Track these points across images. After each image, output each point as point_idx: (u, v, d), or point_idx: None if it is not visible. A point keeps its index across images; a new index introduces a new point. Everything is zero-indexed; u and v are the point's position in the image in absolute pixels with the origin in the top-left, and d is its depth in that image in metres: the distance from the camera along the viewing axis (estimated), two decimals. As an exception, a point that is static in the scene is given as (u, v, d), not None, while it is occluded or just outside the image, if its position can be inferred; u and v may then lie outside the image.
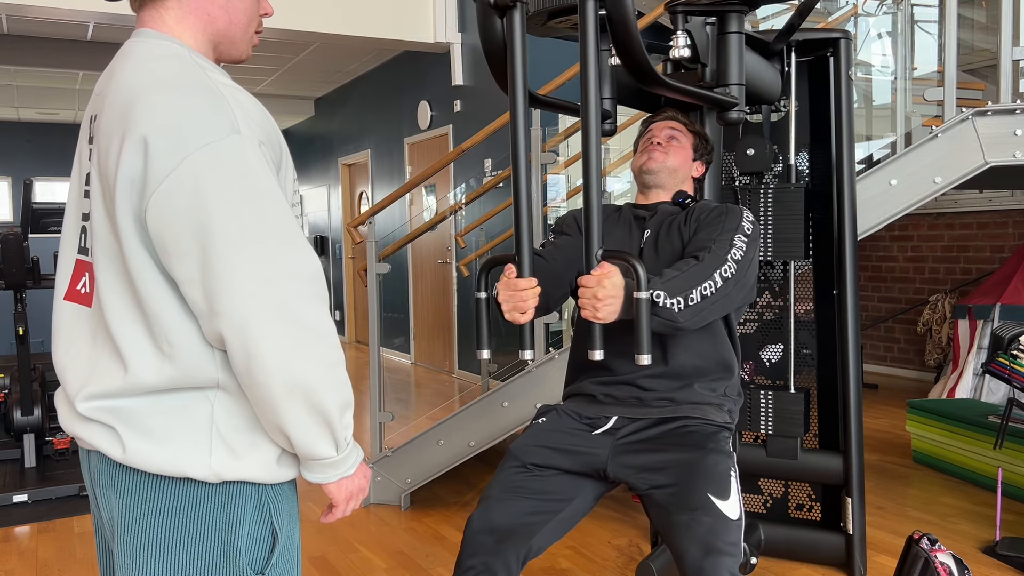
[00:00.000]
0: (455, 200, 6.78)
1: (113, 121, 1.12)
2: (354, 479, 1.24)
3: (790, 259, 2.85)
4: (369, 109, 8.61)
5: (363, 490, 1.27)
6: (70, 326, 1.23)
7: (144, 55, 1.17)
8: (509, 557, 1.85)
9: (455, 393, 6.45)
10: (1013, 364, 3.11)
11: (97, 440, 1.16)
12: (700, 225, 2.03)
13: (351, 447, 1.21)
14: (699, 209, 2.08)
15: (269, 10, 1.32)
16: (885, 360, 6.84)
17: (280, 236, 1.10)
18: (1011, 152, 2.95)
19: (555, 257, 2.07)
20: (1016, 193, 5.80)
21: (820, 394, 2.98)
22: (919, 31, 3.96)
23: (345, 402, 1.16)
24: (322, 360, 1.12)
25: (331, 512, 1.27)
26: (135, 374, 1.12)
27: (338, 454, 1.18)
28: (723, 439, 1.97)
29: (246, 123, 1.12)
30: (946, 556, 2.45)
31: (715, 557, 1.71)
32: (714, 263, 1.86)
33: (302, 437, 1.14)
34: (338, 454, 1.18)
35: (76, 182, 1.27)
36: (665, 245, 2.07)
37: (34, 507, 3.83)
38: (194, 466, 1.13)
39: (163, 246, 1.09)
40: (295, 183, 1.27)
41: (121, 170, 1.09)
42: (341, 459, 1.19)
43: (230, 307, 1.07)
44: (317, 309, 1.12)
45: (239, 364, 1.10)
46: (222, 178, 1.08)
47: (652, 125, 2.23)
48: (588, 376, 2.12)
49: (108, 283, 1.15)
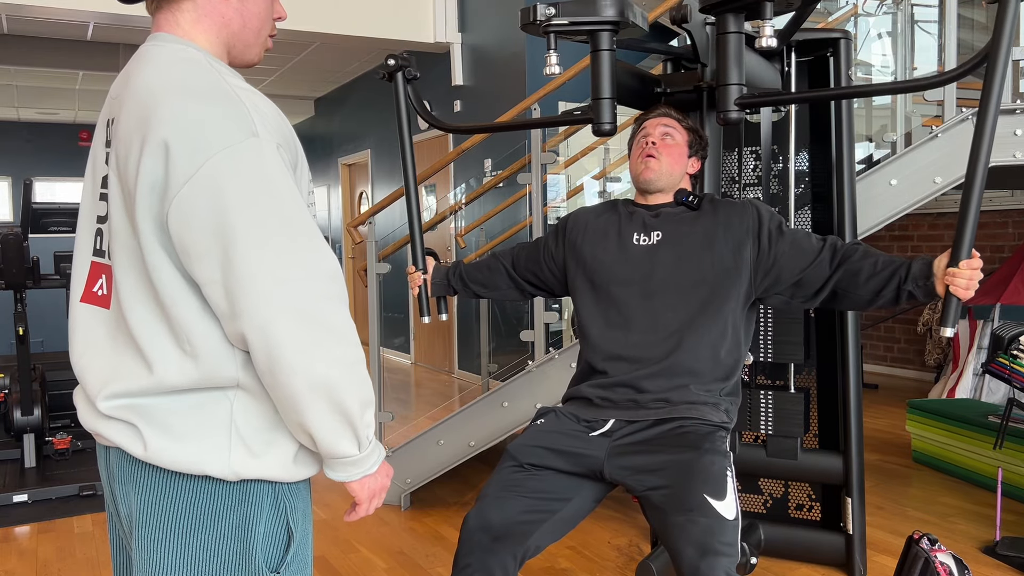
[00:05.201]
0: (455, 200, 6.78)
1: (132, 126, 1.14)
2: (376, 477, 1.25)
3: (790, 361, 2.82)
4: (369, 109, 8.61)
5: (385, 488, 1.28)
6: (87, 328, 1.25)
7: (161, 59, 1.18)
8: (505, 556, 1.85)
9: (455, 393, 6.45)
10: (1013, 364, 3.11)
11: (118, 437, 1.18)
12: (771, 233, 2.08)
13: (373, 445, 1.23)
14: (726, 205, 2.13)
15: (283, 14, 1.33)
16: (885, 360, 6.84)
17: (299, 236, 1.12)
18: (1011, 152, 2.95)
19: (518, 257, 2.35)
20: (1016, 193, 5.80)
21: (820, 394, 2.98)
22: (919, 31, 3.96)
23: (366, 400, 1.17)
24: (343, 359, 1.13)
25: (354, 510, 1.28)
26: (159, 374, 1.14)
27: (360, 452, 1.20)
28: (719, 439, 1.97)
29: (263, 126, 1.14)
30: (946, 556, 2.45)
31: (711, 558, 1.71)
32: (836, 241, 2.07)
33: (325, 435, 1.15)
34: (360, 452, 1.20)
35: (90, 185, 1.28)
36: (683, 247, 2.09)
37: (34, 507, 3.83)
38: (213, 464, 1.15)
39: (184, 249, 1.11)
40: (310, 183, 1.29)
41: (142, 175, 1.11)
42: (363, 457, 1.21)
43: (251, 307, 1.08)
44: (337, 308, 1.14)
45: (261, 364, 1.11)
46: (242, 181, 1.10)
47: (646, 122, 2.22)
48: (587, 380, 2.13)
49: (129, 285, 1.16)
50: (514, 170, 4.20)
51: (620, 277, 2.11)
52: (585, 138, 4.95)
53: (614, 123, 2.17)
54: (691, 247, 2.07)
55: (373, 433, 1.22)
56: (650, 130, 2.19)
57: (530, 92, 5.43)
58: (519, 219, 5.50)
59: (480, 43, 6.47)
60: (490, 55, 6.35)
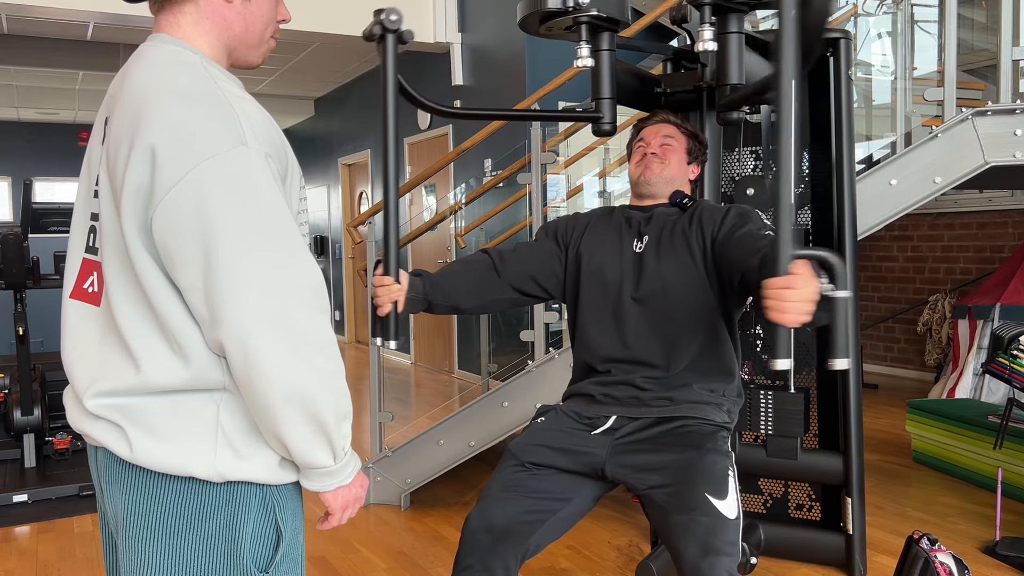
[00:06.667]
0: (455, 200, 6.78)
1: (123, 127, 1.14)
2: (351, 489, 1.25)
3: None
4: (369, 109, 8.61)
5: (359, 500, 1.28)
6: (76, 324, 1.24)
7: (157, 61, 1.18)
8: (507, 556, 1.85)
9: (455, 393, 6.45)
10: (1013, 364, 3.11)
11: (104, 437, 1.18)
12: (723, 230, 2.00)
13: (348, 457, 1.22)
14: (706, 211, 2.07)
15: (287, 16, 1.32)
16: (885, 360, 6.84)
17: (282, 248, 1.12)
18: (1011, 152, 2.95)
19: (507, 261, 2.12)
20: (1016, 193, 5.80)
21: (820, 394, 2.98)
22: (919, 31, 3.96)
23: (343, 412, 1.17)
24: (321, 370, 1.13)
25: (327, 520, 1.28)
26: (146, 374, 1.14)
27: (335, 463, 1.19)
28: (721, 439, 1.97)
29: (253, 135, 1.13)
30: (946, 556, 2.45)
31: (713, 557, 1.71)
32: None
33: (300, 446, 1.14)
34: (335, 463, 1.19)
35: (85, 182, 1.28)
36: (668, 250, 2.06)
37: (34, 507, 3.83)
38: (198, 466, 1.14)
39: (168, 255, 1.10)
40: (302, 190, 1.28)
41: (128, 178, 1.10)
42: (338, 468, 1.20)
43: (231, 316, 1.08)
44: (317, 320, 1.13)
45: (239, 372, 1.11)
46: (227, 190, 1.09)
47: (644, 130, 2.19)
48: (587, 378, 2.12)
49: (118, 284, 1.16)
50: (514, 170, 4.20)
51: (616, 280, 2.10)
52: (585, 138, 4.95)
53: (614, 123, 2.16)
54: (675, 250, 2.06)
55: (349, 444, 1.21)
56: (649, 139, 2.16)
57: (530, 92, 5.43)
58: (519, 219, 5.50)
59: (480, 43, 6.47)
60: (490, 55, 6.35)
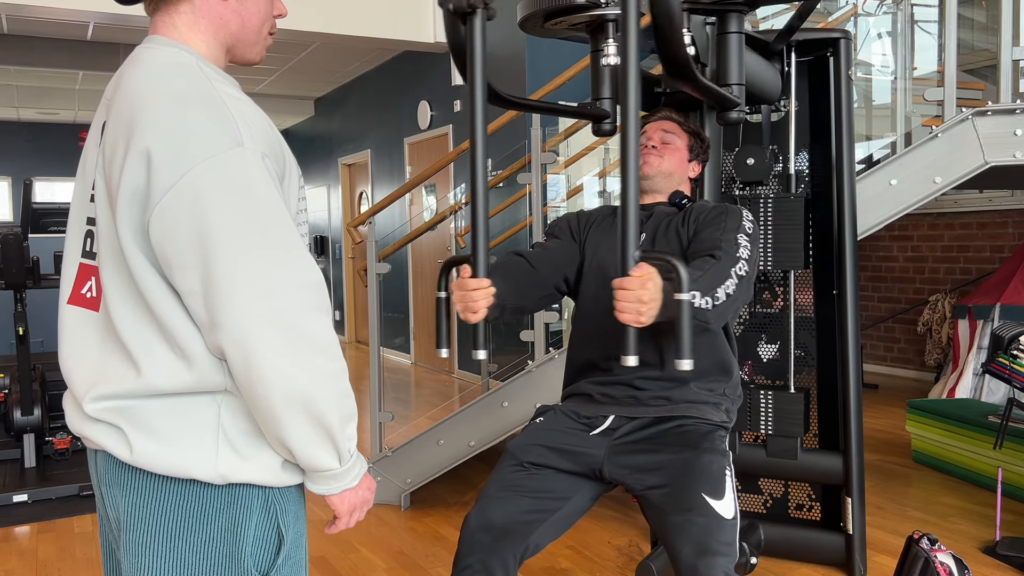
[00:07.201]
0: (455, 200, 6.77)
1: (119, 131, 1.13)
2: (357, 491, 1.23)
3: (790, 268, 2.85)
4: (369, 109, 8.61)
5: (367, 502, 1.26)
6: (75, 330, 1.23)
7: (152, 63, 1.17)
8: (506, 555, 1.86)
9: (455, 393, 6.45)
10: (1013, 364, 3.11)
11: (104, 440, 1.17)
12: (700, 225, 2.01)
13: (355, 459, 1.21)
14: (697, 209, 2.07)
15: (283, 11, 1.31)
16: (885, 360, 6.84)
17: (280, 248, 1.10)
18: (1011, 152, 2.95)
19: (540, 260, 2.07)
20: (1016, 193, 5.80)
21: (820, 394, 2.98)
22: (919, 31, 3.96)
23: (348, 414, 1.15)
24: (323, 371, 1.11)
25: (334, 524, 1.27)
26: (148, 377, 1.13)
27: (341, 466, 1.18)
28: (719, 438, 1.97)
29: (249, 136, 1.12)
30: (946, 556, 2.45)
31: (709, 558, 1.71)
32: (730, 262, 1.84)
33: (304, 449, 1.13)
34: (341, 466, 1.18)
35: (80, 186, 1.26)
36: (663, 247, 2.06)
37: (34, 507, 3.83)
38: (199, 468, 1.13)
39: (166, 258, 1.09)
40: (301, 190, 1.27)
41: (124, 181, 1.09)
42: (344, 471, 1.19)
43: (230, 319, 1.07)
44: (318, 320, 1.12)
45: (240, 375, 1.10)
46: (223, 191, 1.08)
47: (646, 126, 2.20)
48: (585, 377, 2.12)
49: (116, 288, 1.15)
50: (514, 170, 4.20)
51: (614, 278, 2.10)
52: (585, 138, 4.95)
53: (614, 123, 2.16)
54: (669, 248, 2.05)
55: (355, 446, 1.20)
56: (650, 134, 2.17)
57: (530, 92, 5.43)
58: (519, 219, 5.50)
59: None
60: (490, 55, 6.34)
